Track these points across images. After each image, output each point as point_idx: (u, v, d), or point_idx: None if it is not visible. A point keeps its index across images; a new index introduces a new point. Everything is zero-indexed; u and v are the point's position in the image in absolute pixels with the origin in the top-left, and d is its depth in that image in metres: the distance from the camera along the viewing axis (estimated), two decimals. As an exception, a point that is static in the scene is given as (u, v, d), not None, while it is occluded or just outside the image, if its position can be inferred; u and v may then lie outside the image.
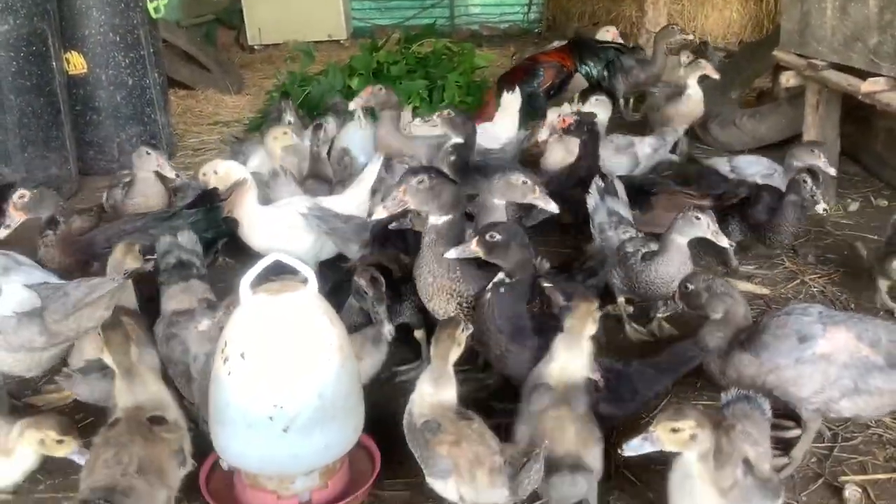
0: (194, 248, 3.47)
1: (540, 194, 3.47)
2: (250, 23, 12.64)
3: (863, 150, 5.67)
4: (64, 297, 2.93)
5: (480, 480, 2.36)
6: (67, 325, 2.94)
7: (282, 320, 2.38)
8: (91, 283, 2.96)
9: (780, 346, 2.68)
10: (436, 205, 2.96)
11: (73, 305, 2.90)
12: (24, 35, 5.28)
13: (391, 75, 7.09)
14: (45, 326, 2.93)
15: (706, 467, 2.23)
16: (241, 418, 2.38)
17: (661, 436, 2.22)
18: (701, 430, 2.20)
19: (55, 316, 2.91)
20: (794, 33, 5.03)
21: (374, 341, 3.12)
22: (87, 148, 6.18)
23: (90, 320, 2.97)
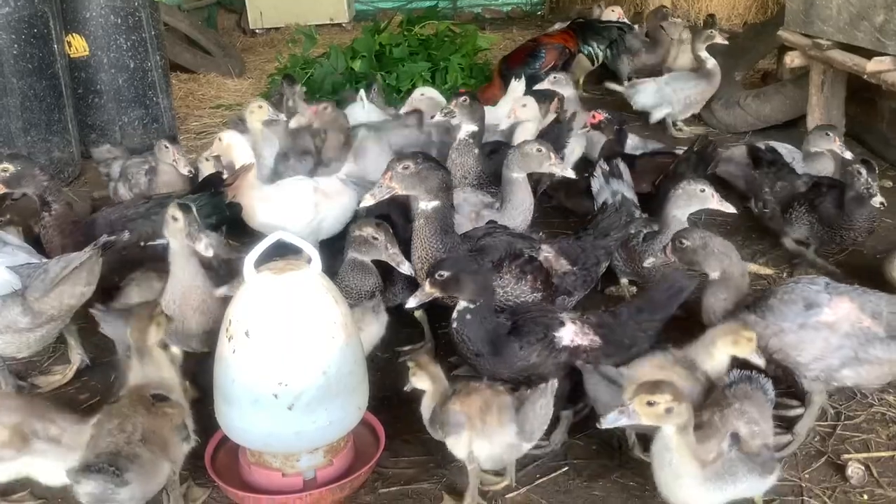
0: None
1: (556, 161, 3.58)
2: (251, 6, 12.56)
3: (867, 131, 5.65)
4: (43, 273, 2.92)
5: (490, 423, 2.45)
6: (49, 302, 2.92)
7: (286, 299, 2.38)
8: (67, 258, 2.94)
9: (786, 310, 2.73)
10: (423, 189, 2.98)
11: (51, 281, 2.89)
12: (25, 17, 5.26)
13: (393, 57, 7.07)
14: (27, 306, 2.92)
15: (685, 440, 2.25)
16: (245, 396, 2.39)
17: (637, 409, 2.23)
18: (677, 403, 2.21)
19: (35, 294, 2.90)
20: (799, 13, 5.00)
21: (375, 311, 3.12)
22: (90, 131, 6.16)
23: (71, 297, 2.97)
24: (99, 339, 3.62)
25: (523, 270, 3.06)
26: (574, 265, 3.21)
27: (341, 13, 12.66)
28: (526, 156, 3.58)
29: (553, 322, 2.79)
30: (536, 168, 3.62)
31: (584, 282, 3.27)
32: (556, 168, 3.60)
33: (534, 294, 3.07)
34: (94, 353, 3.46)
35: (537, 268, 3.10)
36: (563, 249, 3.25)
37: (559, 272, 3.16)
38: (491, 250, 3.09)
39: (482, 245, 3.13)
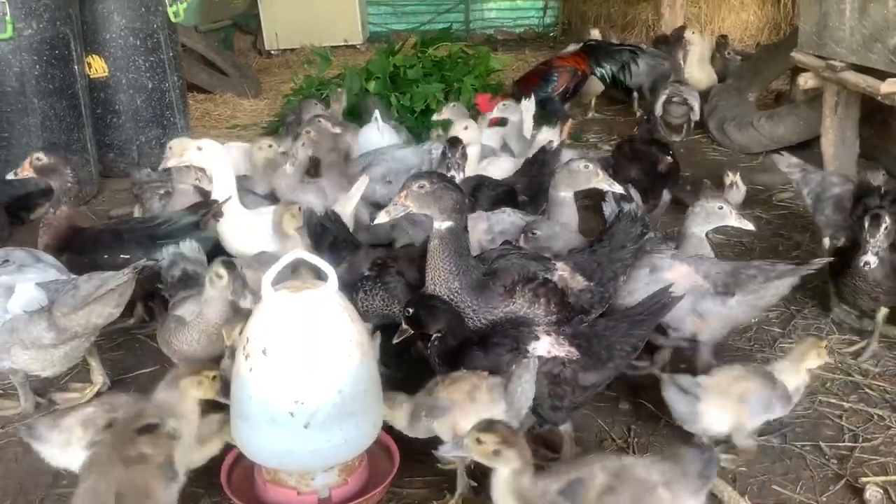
0: (198, 257, 3.45)
1: (603, 177, 3.59)
2: (267, 27, 12.74)
3: (882, 152, 5.63)
4: (73, 289, 2.92)
5: (480, 400, 2.55)
6: (76, 319, 2.93)
7: (303, 317, 2.40)
8: (102, 277, 2.95)
9: (637, 274, 3.26)
10: (437, 209, 2.98)
11: (83, 299, 2.89)
12: (47, 39, 5.36)
13: (407, 79, 7.13)
14: (52, 322, 2.93)
15: (512, 485, 2.19)
16: (262, 414, 2.40)
17: (469, 444, 2.21)
18: (506, 447, 2.18)
19: (63, 309, 2.90)
20: (812, 34, 5.02)
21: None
22: (108, 150, 6.25)
23: (99, 316, 2.98)
24: (118, 358, 3.67)
25: (536, 294, 3.02)
26: (591, 281, 3.18)
27: (355, 35, 12.81)
28: (574, 173, 3.60)
29: (525, 335, 2.80)
30: (585, 185, 3.63)
31: (602, 298, 3.22)
32: (604, 184, 3.61)
33: (548, 317, 3.04)
34: (111, 372, 3.48)
35: (551, 290, 3.06)
36: (579, 265, 3.20)
37: (575, 290, 3.13)
38: (503, 273, 3.06)
39: (495, 268, 3.10)
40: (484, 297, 2.99)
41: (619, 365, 2.83)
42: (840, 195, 4.09)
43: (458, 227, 3.00)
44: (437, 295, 2.97)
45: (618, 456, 2.34)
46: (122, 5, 6.01)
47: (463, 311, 2.97)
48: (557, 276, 3.11)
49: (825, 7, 4.81)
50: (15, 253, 3.24)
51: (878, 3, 4.28)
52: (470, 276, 3.00)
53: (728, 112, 6.54)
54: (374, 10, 14.30)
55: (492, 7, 14.51)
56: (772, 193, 5.40)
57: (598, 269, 3.22)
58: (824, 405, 3.11)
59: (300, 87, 7.65)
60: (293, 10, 12.50)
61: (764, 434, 2.92)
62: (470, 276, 3.00)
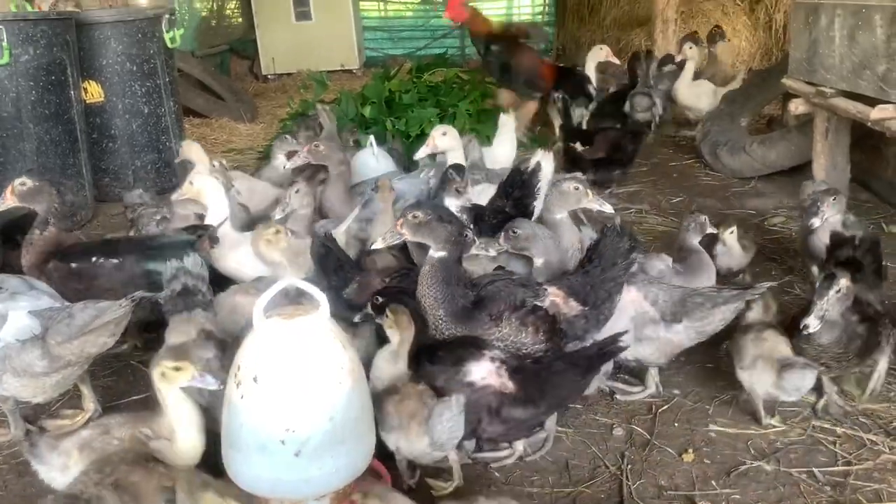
0: (200, 273, 3.39)
1: (593, 197, 3.62)
2: (264, 52, 12.85)
3: (873, 176, 5.68)
4: (68, 318, 2.89)
5: (412, 430, 2.67)
6: (70, 348, 2.90)
7: (294, 344, 2.39)
8: (98, 307, 2.91)
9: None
10: (431, 239, 3.03)
11: (78, 329, 2.87)
12: (43, 65, 5.40)
13: (402, 104, 7.17)
14: (46, 350, 2.89)
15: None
16: (253, 442, 2.38)
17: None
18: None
19: (57, 338, 2.87)
20: (803, 61, 5.07)
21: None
22: (103, 175, 6.27)
23: (93, 346, 2.95)
24: (109, 384, 3.65)
25: (524, 322, 3.00)
26: (585, 305, 3.13)
27: (352, 60, 12.91)
28: (564, 194, 3.61)
29: (469, 354, 2.81)
30: (575, 205, 3.64)
31: (598, 321, 3.17)
32: (594, 204, 3.63)
33: (536, 345, 3.01)
34: (103, 398, 3.47)
35: (540, 317, 3.03)
36: (573, 289, 3.15)
37: (569, 316, 3.10)
38: (490, 301, 3.04)
39: (482, 295, 3.08)
40: (469, 325, 2.99)
41: (550, 406, 2.85)
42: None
43: (450, 257, 3.02)
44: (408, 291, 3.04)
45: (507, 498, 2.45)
46: (118, 31, 6.07)
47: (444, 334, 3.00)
48: (549, 303, 3.10)
49: (815, 34, 4.87)
50: (8, 280, 3.21)
51: (866, 31, 4.34)
52: (455, 305, 3.01)
53: (720, 137, 6.59)
54: (370, 35, 14.45)
55: (487, 32, 14.63)
56: (764, 218, 5.42)
57: (592, 292, 3.16)
58: (818, 430, 3.10)
59: (296, 111, 7.69)
60: (290, 36, 12.62)
61: (758, 460, 2.92)
62: (455, 304, 3.01)
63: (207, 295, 3.38)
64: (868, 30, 4.32)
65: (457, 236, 3.05)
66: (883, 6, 4.19)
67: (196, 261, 3.40)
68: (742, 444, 3.04)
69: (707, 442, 3.06)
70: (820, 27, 4.80)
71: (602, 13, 12.36)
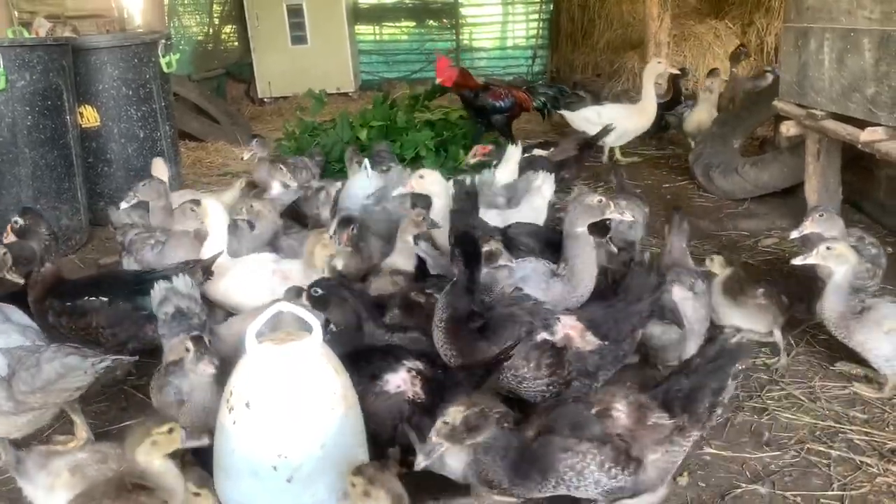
0: (192, 293, 3.37)
1: (615, 209, 3.60)
2: (260, 76, 12.93)
3: (865, 198, 5.71)
4: (35, 367, 2.83)
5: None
6: (34, 398, 2.86)
7: (287, 370, 2.40)
8: (66, 363, 2.83)
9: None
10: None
11: (43, 383, 2.82)
12: (40, 90, 5.42)
13: (398, 127, 7.23)
14: (10, 393, 2.85)
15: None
16: (245, 467, 2.38)
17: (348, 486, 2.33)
18: (373, 486, 2.27)
19: (22, 387, 2.83)
20: (794, 84, 5.12)
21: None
22: (98, 199, 6.27)
23: (59, 397, 2.91)
24: (102, 409, 3.63)
25: (527, 357, 2.90)
26: (605, 340, 3.00)
27: (348, 83, 13.00)
28: (589, 208, 3.59)
29: (387, 364, 2.81)
30: (598, 217, 3.63)
31: (615, 358, 3.04)
32: (616, 214, 3.62)
33: (537, 381, 2.91)
34: (95, 423, 3.45)
35: (545, 351, 2.91)
36: (594, 322, 2.96)
37: (584, 351, 2.95)
38: (494, 331, 2.94)
39: (489, 321, 2.97)
40: (471, 355, 2.95)
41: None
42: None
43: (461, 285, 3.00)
44: (352, 291, 3.13)
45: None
46: (115, 57, 6.10)
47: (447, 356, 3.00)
48: (560, 336, 2.96)
49: (805, 58, 4.92)
50: None
51: (854, 54, 4.38)
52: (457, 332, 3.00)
53: (713, 159, 6.63)
54: (365, 59, 14.56)
55: (482, 56, 14.79)
56: (757, 239, 5.44)
57: (615, 326, 3.05)
58: (812, 453, 3.09)
59: (293, 131, 7.74)
60: (286, 59, 12.72)
61: (753, 483, 2.91)
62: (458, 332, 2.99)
63: (202, 316, 3.36)
64: (857, 53, 4.37)
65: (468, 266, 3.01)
66: (871, 30, 4.24)
67: (186, 282, 3.37)
68: (737, 467, 3.03)
69: (701, 465, 3.05)
70: (810, 51, 4.86)
71: (595, 37, 12.48)
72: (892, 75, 4.09)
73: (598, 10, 12.56)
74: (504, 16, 14.96)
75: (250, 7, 12.76)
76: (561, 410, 2.55)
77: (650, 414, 2.50)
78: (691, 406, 2.52)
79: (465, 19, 14.73)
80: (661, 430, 2.48)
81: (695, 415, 2.51)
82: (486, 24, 14.92)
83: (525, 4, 14.56)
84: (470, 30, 14.82)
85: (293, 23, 12.75)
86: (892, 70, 4.08)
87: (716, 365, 2.58)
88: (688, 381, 2.57)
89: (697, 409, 2.52)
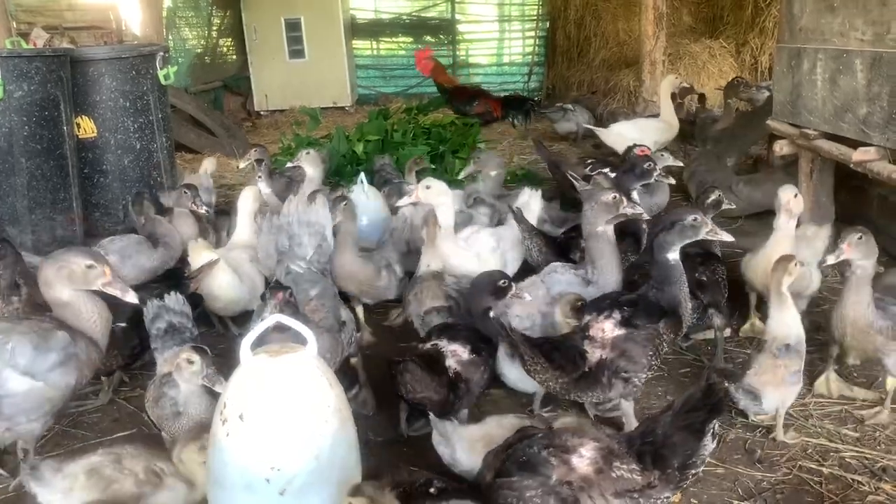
0: (183, 310, 3.45)
1: (629, 204, 3.77)
2: (257, 89, 12.97)
3: (857, 216, 5.73)
4: None
5: None
6: None
7: (281, 382, 2.40)
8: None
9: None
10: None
11: None
12: (37, 101, 5.43)
13: (394, 141, 7.27)
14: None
15: None
16: (238, 480, 2.37)
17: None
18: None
19: None
20: (787, 104, 5.17)
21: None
22: (94, 209, 6.26)
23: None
24: (94, 420, 3.62)
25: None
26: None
27: (344, 97, 13.05)
28: (607, 206, 3.73)
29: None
30: (615, 213, 3.74)
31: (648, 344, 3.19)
32: (628, 209, 3.77)
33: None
34: (88, 434, 3.44)
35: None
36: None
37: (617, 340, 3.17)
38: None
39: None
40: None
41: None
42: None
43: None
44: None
45: None
46: (112, 68, 6.10)
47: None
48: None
49: (797, 78, 4.98)
50: None
51: (847, 75, 4.43)
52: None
53: (707, 176, 6.67)
54: (362, 73, 14.62)
55: (478, 72, 14.87)
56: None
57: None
58: (804, 471, 3.10)
59: (288, 145, 7.76)
60: (283, 73, 12.77)
61: (745, 500, 2.92)
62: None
63: (193, 331, 3.43)
64: (849, 74, 4.41)
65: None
66: (863, 51, 4.29)
67: (177, 299, 3.46)
68: (728, 484, 3.04)
69: (694, 481, 3.04)
70: (802, 71, 4.91)
71: (591, 55, 12.58)
72: (883, 96, 4.13)
73: (594, 28, 12.67)
74: (500, 32, 15.07)
75: (248, 20, 12.83)
76: (516, 448, 2.43)
77: (617, 463, 2.33)
78: (660, 463, 2.33)
79: (462, 35, 14.83)
80: (626, 483, 2.31)
81: (665, 474, 2.32)
82: (483, 40, 15.03)
83: (521, 21, 14.67)
84: (466, 46, 14.92)
85: (291, 37, 12.82)
86: (883, 91, 4.12)
87: (693, 418, 2.34)
88: (660, 433, 2.36)
89: (666, 469, 2.32)
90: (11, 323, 3.00)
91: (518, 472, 2.34)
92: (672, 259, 3.28)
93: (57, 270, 2.96)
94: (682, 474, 2.33)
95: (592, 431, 2.54)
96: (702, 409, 2.33)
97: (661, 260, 3.29)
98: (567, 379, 3.12)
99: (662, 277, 3.28)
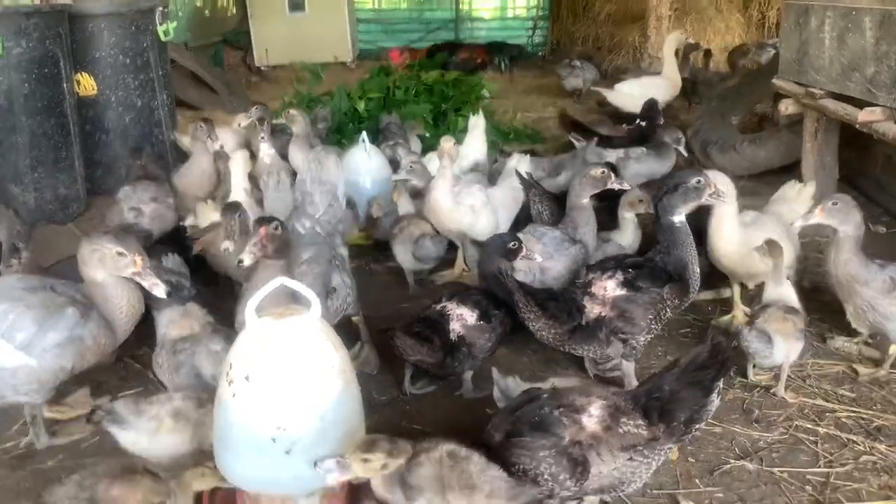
0: (181, 270, 3.48)
1: (616, 179, 3.98)
2: (257, 44, 12.81)
3: (861, 175, 5.73)
4: None
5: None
6: None
7: (286, 344, 2.42)
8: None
9: None
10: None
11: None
12: (36, 58, 5.39)
13: (396, 99, 7.20)
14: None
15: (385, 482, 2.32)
16: (244, 440, 2.42)
17: (353, 464, 2.30)
18: (391, 459, 2.30)
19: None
20: (793, 62, 5.11)
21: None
22: (96, 167, 6.26)
23: None
24: (102, 379, 3.67)
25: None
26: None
27: (346, 53, 12.89)
28: (595, 179, 3.95)
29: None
30: (602, 188, 3.98)
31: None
32: (616, 184, 3.99)
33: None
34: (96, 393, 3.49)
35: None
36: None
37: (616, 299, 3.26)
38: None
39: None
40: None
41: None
42: None
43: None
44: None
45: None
46: (112, 24, 6.05)
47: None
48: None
49: (805, 36, 4.91)
50: None
51: (855, 33, 4.38)
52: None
53: (711, 135, 6.63)
54: (364, 27, 14.42)
55: (481, 26, 14.67)
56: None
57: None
58: (800, 430, 3.16)
59: (289, 103, 7.69)
60: (283, 27, 12.60)
61: (741, 459, 2.97)
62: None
63: (191, 290, 3.47)
64: (857, 32, 4.36)
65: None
66: (872, 9, 4.23)
67: (176, 260, 3.52)
68: (726, 443, 3.09)
69: (691, 440, 3.10)
70: (810, 29, 4.84)
71: (596, 9, 12.38)
72: (891, 55, 4.09)
73: (600, -18, 12.46)
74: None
75: (248, -27, 12.62)
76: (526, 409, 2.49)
77: (624, 419, 2.41)
78: (666, 418, 2.42)
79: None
80: (632, 438, 2.40)
81: (669, 428, 2.42)
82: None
83: (526, -26, 14.43)
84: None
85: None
86: (892, 50, 4.08)
87: (702, 376, 2.42)
88: (668, 389, 2.44)
89: (672, 423, 2.42)
90: (28, 291, 2.94)
91: (530, 433, 2.41)
92: (678, 221, 3.30)
93: (91, 252, 2.95)
94: (686, 427, 2.45)
95: (598, 389, 2.60)
96: (711, 366, 2.42)
97: (667, 223, 3.30)
98: (560, 330, 3.21)
99: (669, 240, 3.30)
